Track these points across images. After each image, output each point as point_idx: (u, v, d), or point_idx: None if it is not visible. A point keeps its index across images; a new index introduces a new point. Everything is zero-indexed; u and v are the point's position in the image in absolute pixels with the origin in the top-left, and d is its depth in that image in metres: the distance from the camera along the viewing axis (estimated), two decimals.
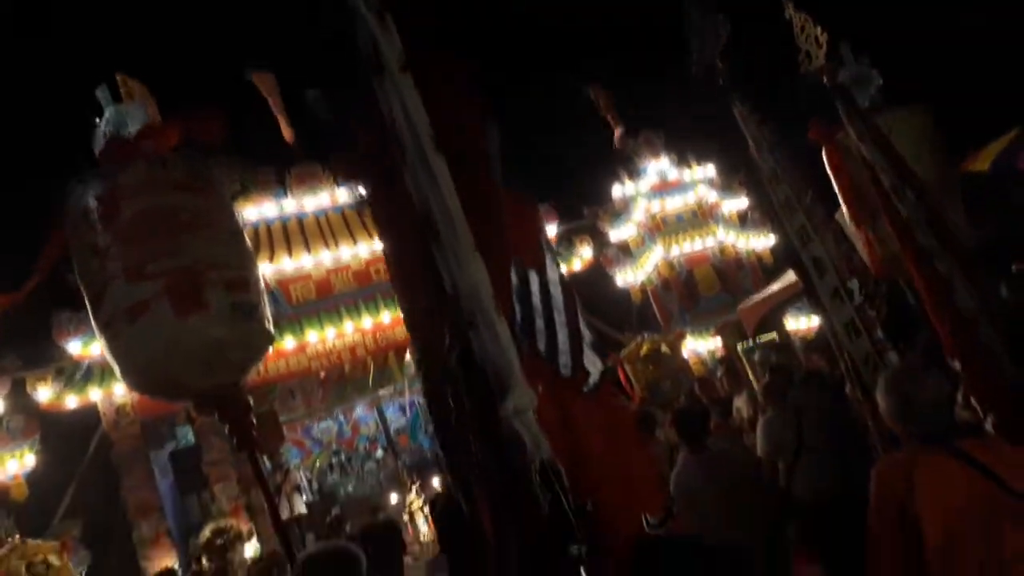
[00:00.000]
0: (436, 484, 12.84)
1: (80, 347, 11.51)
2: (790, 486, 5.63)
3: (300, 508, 13.09)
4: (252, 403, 4.44)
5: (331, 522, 11.04)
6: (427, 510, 12.03)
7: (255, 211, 13.06)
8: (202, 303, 3.86)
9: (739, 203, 16.93)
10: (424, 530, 12.33)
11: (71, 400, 11.73)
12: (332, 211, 13.74)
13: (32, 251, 4.62)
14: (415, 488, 13.27)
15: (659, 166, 16.59)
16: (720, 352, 15.28)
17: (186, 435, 14.47)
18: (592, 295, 16.17)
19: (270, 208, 13.24)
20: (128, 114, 5.62)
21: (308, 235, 13.35)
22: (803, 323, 15.23)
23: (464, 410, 2.00)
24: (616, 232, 16.21)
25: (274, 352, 12.00)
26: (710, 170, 16.90)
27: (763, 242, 16.53)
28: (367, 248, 13.16)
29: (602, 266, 15.95)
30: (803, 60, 4.81)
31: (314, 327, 12.63)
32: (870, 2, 17.73)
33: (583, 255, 15.27)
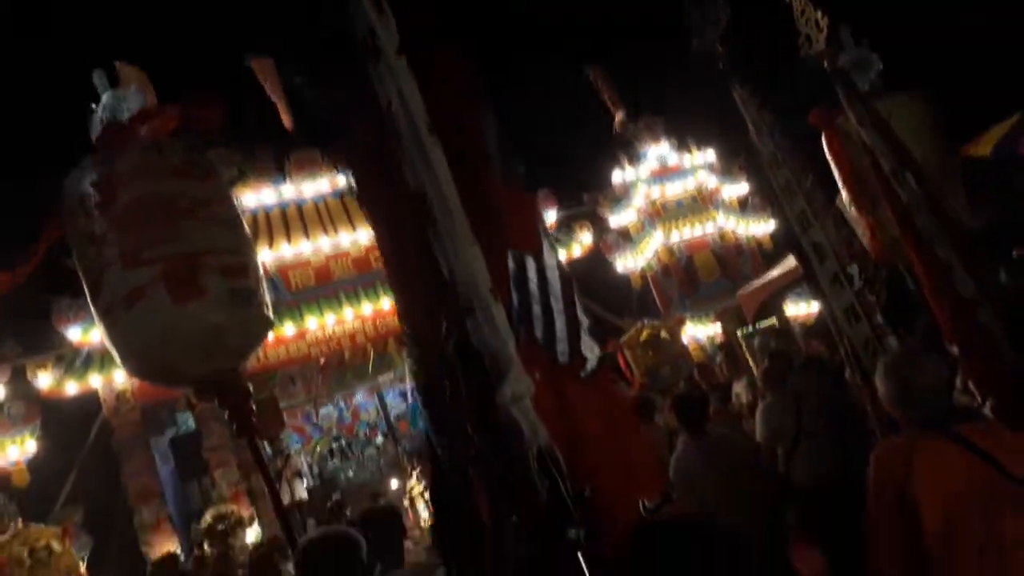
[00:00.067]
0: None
1: (80, 334, 11.49)
2: (789, 471, 5.64)
3: (301, 494, 13.14)
4: (252, 389, 4.44)
5: (332, 507, 11.08)
6: (427, 496, 12.08)
7: (254, 197, 12.99)
8: (199, 289, 3.85)
9: (739, 188, 16.89)
10: (424, 515, 12.38)
11: (71, 387, 11.74)
12: (331, 197, 13.67)
13: (32, 239, 4.60)
14: (415, 474, 13.31)
15: (659, 151, 16.54)
16: (719, 338, 15.29)
17: (186, 421, 14.50)
18: (592, 281, 16.15)
19: (269, 194, 13.17)
20: (125, 100, 5.59)
21: (307, 221, 13.32)
22: (803, 309, 15.23)
23: (461, 397, 1.99)
24: (616, 218, 16.18)
25: (274, 339, 12.00)
26: (710, 155, 16.85)
27: (763, 228, 16.50)
28: (366, 235, 13.08)
29: (602, 252, 15.92)
30: (803, 44, 4.77)
31: (314, 313, 12.62)
32: None
33: (583, 241, 15.24)
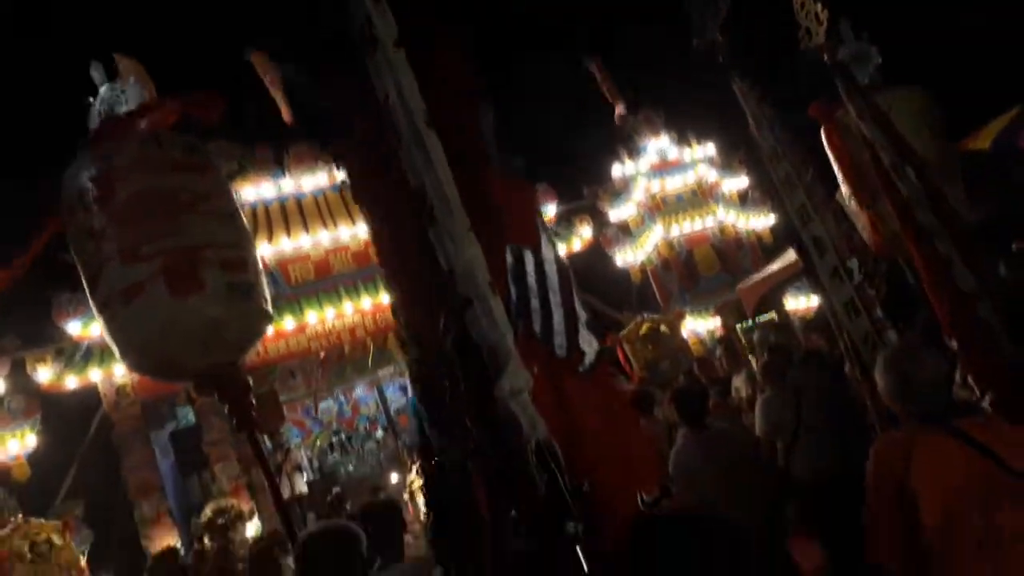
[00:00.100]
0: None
1: (80, 328, 11.49)
2: (789, 465, 5.65)
3: (301, 488, 13.15)
4: (252, 383, 4.44)
5: (332, 501, 11.09)
6: (424, 491, 12.07)
7: (253, 191, 12.98)
8: (198, 283, 3.84)
9: (739, 182, 16.87)
10: (424, 509, 12.37)
11: (71, 381, 11.75)
12: (330, 191, 13.65)
13: (31, 234, 4.58)
14: (415, 468, 13.31)
15: (659, 145, 16.52)
16: (719, 332, 15.29)
17: (186, 415, 14.52)
18: (592, 275, 16.15)
19: (268, 188, 13.15)
20: (123, 93, 5.57)
21: (307, 215, 13.31)
22: (802, 303, 15.23)
23: (459, 392, 1.99)
24: (616, 212, 16.17)
25: (274, 333, 12.00)
26: (710, 149, 16.83)
27: (763, 222, 16.49)
28: (366, 229, 13.06)
29: (601, 246, 15.91)
30: (803, 37, 4.75)
31: (313, 308, 12.62)
32: None
33: (583, 235, 15.23)
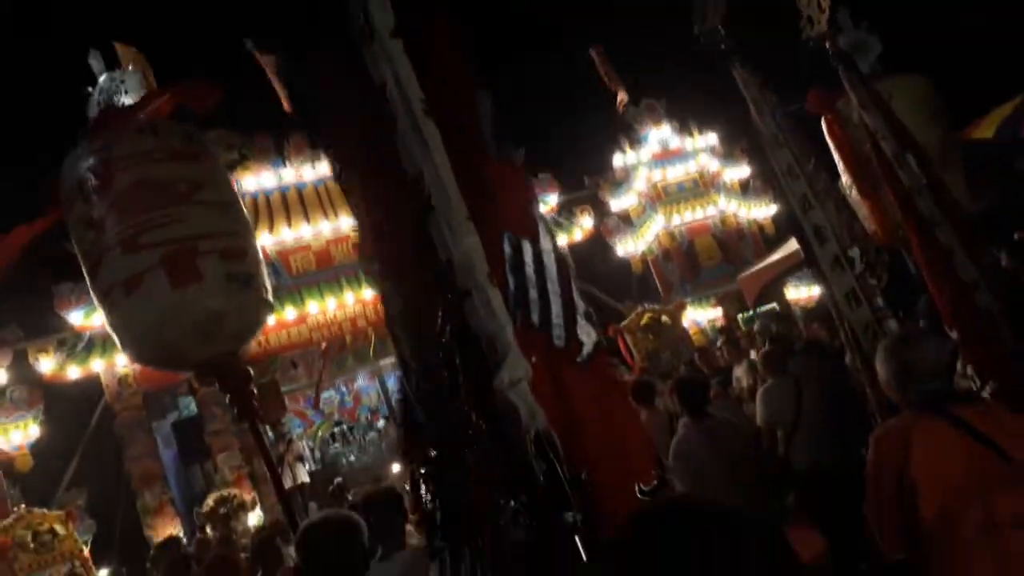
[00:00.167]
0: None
1: (82, 317, 11.50)
2: (789, 454, 5.65)
3: (303, 477, 13.18)
4: (253, 374, 4.44)
5: (333, 491, 11.13)
6: (421, 484, 12.06)
7: (254, 181, 12.96)
8: (196, 273, 3.85)
9: (741, 171, 16.83)
10: (412, 495, 12.35)
11: (73, 371, 11.77)
12: (331, 180, 13.59)
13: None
14: (405, 452, 13.29)
15: (660, 134, 16.47)
16: (720, 322, 15.28)
17: (188, 406, 14.57)
18: (593, 266, 16.14)
19: (269, 178, 13.13)
20: (122, 82, 5.56)
21: (307, 205, 13.29)
22: (804, 293, 15.21)
23: (458, 382, 1.99)
24: (617, 202, 16.14)
25: (275, 323, 12.00)
26: (712, 138, 16.79)
27: (764, 211, 16.46)
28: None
29: (603, 236, 15.88)
30: (805, 25, 4.72)
31: (315, 298, 12.62)
32: None
33: (584, 225, 15.21)
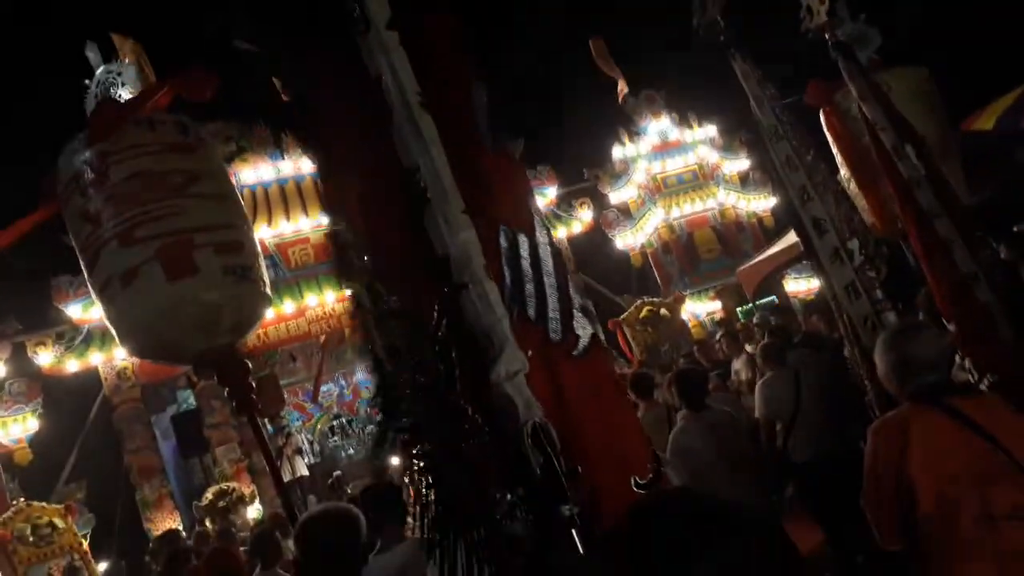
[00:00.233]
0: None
1: (80, 310, 11.50)
2: (788, 447, 5.66)
3: (302, 471, 13.19)
4: (252, 367, 4.44)
5: (332, 484, 11.15)
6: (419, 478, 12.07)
7: (252, 174, 12.94)
8: (193, 267, 3.84)
9: (740, 164, 16.81)
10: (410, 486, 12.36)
11: (72, 364, 11.78)
12: None
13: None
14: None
15: (660, 126, 16.44)
16: (719, 315, 15.28)
17: (187, 399, 14.56)
18: (592, 258, 16.14)
19: (267, 171, 13.11)
20: (119, 75, 5.55)
21: (305, 198, 13.25)
22: (803, 285, 15.20)
23: (455, 376, 1.98)
24: (616, 194, 16.11)
25: (274, 316, 12.00)
26: (711, 130, 16.76)
27: (763, 204, 16.44)
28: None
29: (602, 229, 15.86)
30: (804, 16, 4.69)
31: (313, 291, 12.61)
32: None
33: (582, 218, 15.18)
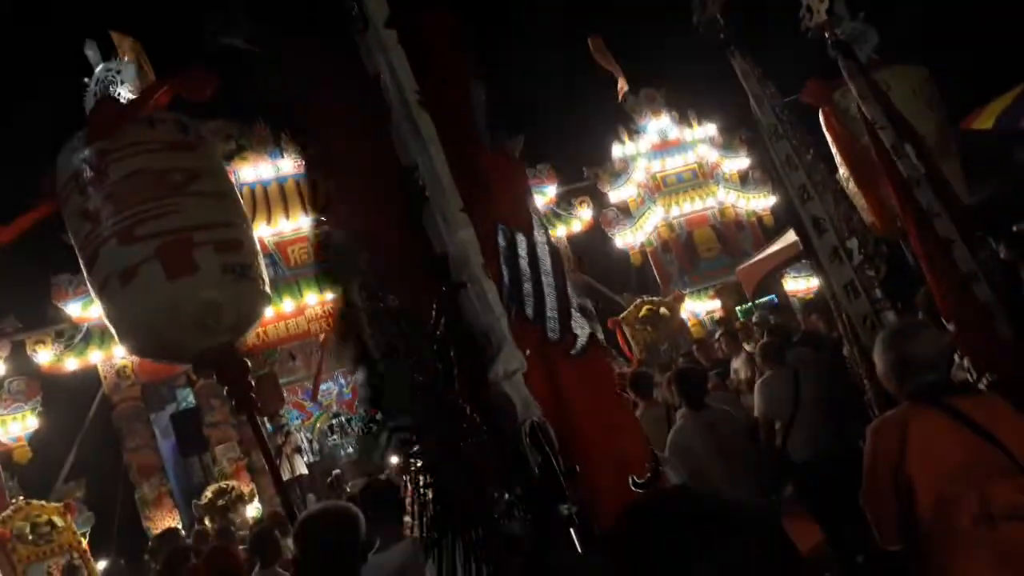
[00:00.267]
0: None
1: (79, 309, 11.49)
2: (787, 445, 5.66)
3: (301, 469, 13.19)
4: (251, 366, 4.44)
5: (331, 483, 11.16)
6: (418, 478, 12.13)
7: (252, 172, 12.92)
8: (192, 265, 3.84)
9: (740, 162, 16.80)
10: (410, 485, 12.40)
11: (71, 362, 11.77)
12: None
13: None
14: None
15: (659, 125, 16.43)
16: (719, 314, 15.28)
17: (186, 397, 14.55)
18: (592, 257, 16.13)
19: (266, 169, 13.09)
20: (119, 73, 5.53)
21: (305, 196, 13.22)
22: (802, 284, 15.20)
23: (453, 375, 1.98)
24: (616, 193, 16.10)
25: (274, 315, 11.99)
26: (711, 129, 16.75)
27: (763, 203, 16.43)
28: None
29: (601, 228, 15.86)
30: (804, 15, 4.68)
31: (313, 290, 12.59)
32: None
33: (582, 216, 15.16)
